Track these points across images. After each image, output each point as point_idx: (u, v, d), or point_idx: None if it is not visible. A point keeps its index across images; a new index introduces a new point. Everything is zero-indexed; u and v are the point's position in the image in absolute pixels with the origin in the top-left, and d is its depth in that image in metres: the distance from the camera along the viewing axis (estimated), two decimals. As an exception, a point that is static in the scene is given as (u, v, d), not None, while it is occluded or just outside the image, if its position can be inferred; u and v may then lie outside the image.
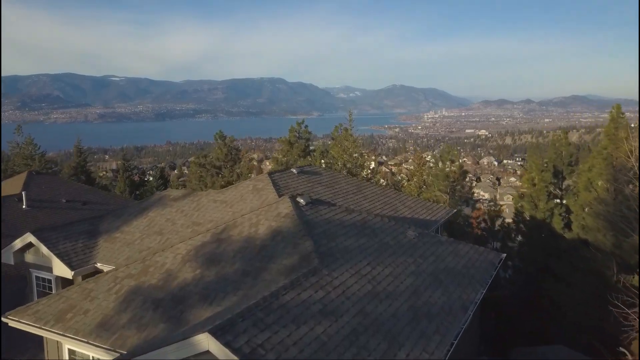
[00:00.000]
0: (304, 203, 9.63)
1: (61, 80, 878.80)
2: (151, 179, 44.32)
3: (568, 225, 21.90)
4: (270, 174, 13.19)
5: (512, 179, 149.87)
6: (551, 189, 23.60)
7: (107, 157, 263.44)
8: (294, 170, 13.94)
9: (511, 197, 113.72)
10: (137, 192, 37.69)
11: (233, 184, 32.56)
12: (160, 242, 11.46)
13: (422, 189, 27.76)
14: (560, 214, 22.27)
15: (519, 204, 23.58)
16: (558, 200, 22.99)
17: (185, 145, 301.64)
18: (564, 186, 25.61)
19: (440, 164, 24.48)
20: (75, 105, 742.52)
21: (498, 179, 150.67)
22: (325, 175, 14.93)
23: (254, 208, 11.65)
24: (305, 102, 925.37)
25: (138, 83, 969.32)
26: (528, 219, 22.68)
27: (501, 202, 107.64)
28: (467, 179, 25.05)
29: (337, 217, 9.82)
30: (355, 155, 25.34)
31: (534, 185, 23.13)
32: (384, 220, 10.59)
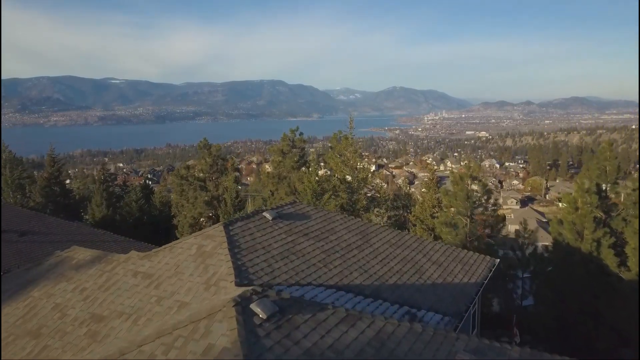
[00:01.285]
0: (264, 316, 4.90)
1: (61, 83, 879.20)
2: (149, 181, 39.66)
3: (622, 261, 17.51)
4: (228, 224, 8.41)
5: (515, 181, 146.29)
6: (597, 213, 19.14)
7: (106, 159, 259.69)
8: (268, 215, 9.19)
9: (514, 200, 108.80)
10: (119, 204, 33.26)
11: (218, 199, 27.47)
12: (32, 353, 6.73)
13: (436, 210, 23.36)
14: (609, 246, 17.85)
15: (558, 232, 19.06)
16: (607, 229, 18.43)
17: (185, 148, 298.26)
18: (606, 208, 21.24)
19: (459, 182, 19.83)
20: (76, 107, 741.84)
21: (500, 182, 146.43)
22: (315, 217, 10.15)
23: (192, 289, 6.96)
24: (305, 104, 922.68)
25: (138, 85, 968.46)
26: (566, 245, 18.29)
27: (504, 207, 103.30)
28: (492, 199, 20.38)
29: (329, 339, 5.07)
30: (357, 164, 21.13)
31: (577, 209, 18.62)
32: (414, 330, 5.84)
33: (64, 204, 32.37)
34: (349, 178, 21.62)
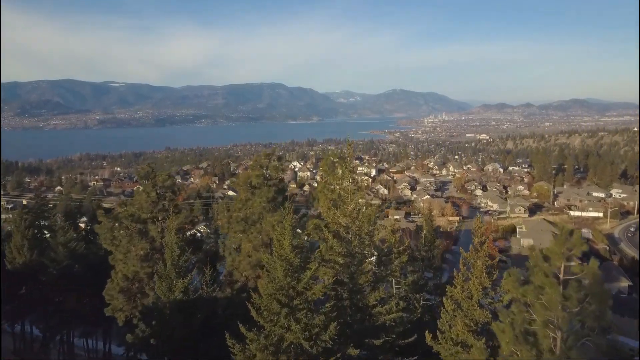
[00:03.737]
0: None
1: (61, 87, 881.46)
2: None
3: None
4: None
5: (520, 187, 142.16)
6: None
7: (104, 163, 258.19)
8: None
9: (522, 208, 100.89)
10: (48, 246, 26.24)
11: (162, 251, 18.94)
12: None
13: (489, 295, 14.78)
14: None
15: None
16: None
17: (184, 151, 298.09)
18: None
19: (544, 265, 9.81)
20: (75, 111, 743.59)
21: (505, 187, 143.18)
22: None
23: None
24: (305, 106, 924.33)
25: (138, 89, 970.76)
26: None
27: (512, 215, 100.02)
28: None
29: None
30: (358, 208, 15.32)
31: None
32: None
33: None
34: (348, 235, 15.38)
